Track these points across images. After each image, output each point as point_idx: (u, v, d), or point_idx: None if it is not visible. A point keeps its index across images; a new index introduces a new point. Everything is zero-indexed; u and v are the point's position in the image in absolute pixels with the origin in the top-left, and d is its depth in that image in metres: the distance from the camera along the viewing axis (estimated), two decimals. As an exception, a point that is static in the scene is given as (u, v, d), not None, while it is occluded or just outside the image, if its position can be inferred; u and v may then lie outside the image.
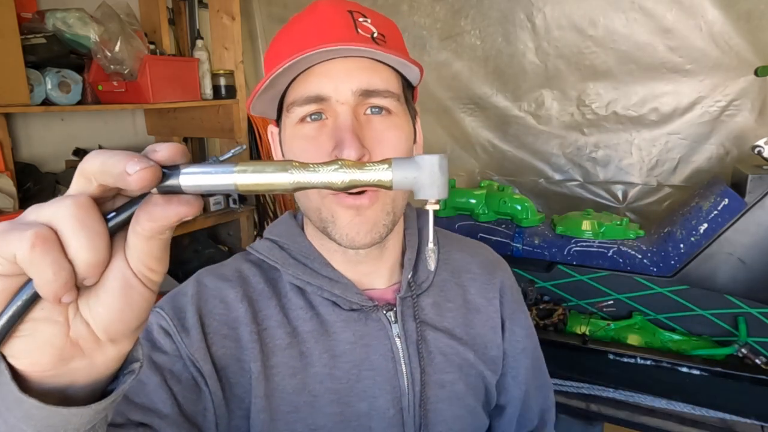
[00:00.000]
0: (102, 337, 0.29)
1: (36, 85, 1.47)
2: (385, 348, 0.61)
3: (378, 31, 0.56)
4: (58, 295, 0.26)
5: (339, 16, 0.56)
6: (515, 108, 2.12)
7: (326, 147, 0.54)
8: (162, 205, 0.27)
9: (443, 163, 0.30)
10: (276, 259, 0.62)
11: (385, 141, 0.55)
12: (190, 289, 0.60)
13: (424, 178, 0.30)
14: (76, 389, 0.30)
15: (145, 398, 0.50)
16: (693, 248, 1.42)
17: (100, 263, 0.27)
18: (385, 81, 0.56)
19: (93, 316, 0.28)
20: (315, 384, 0.58)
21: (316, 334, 0.59)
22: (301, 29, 0.57)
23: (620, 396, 1.44)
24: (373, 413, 0.59)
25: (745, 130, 1.77)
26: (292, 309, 0.61)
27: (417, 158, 0.30)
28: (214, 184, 0.28)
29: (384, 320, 0.62)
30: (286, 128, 0.58)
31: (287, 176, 0.29)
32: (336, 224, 0.56)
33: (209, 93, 1.98)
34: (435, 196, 0.30)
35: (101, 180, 0.27)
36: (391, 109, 0.56)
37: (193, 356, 0.54)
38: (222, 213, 2.07)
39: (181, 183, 0.28)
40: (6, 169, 1.44)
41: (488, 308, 0.70)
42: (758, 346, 1.40)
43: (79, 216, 0.26)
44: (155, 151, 0.28)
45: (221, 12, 2.00)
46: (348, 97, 0.54)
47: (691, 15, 1.74)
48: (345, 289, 0.61)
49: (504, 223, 1.69)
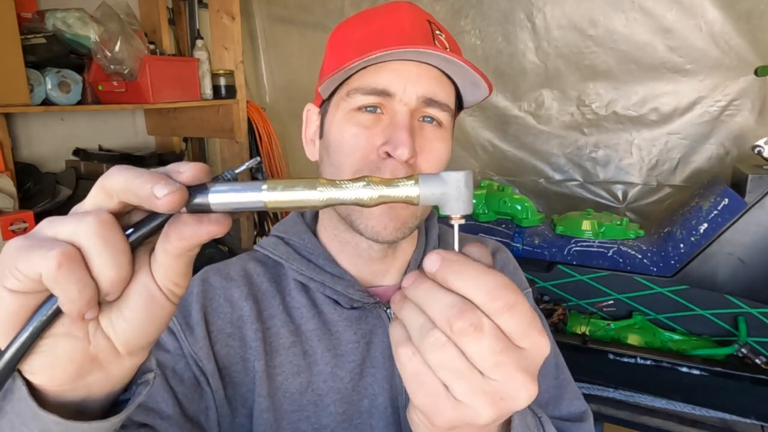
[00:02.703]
0: (122, 351, 0.29)
1: (36, 85, 1.47)
2: (385, 345, 0.61)
3: (450, 47, 0.59)
4: (82, 312, 0.26)
5: (419, 22, 0.57)
6: (515, 108, 2.12)
7: (377, 140, 0.55)
8: (192, 225, 0.27)
9: (469, 180, 0.31)
10: (281, 254, 0.63)
11: (434, 151, 0.57)
12: (196, 287, 0.60)
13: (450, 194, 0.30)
14: (90, 401, 0.30)
15: (148, 398, 0.50)
16: (693, 248, 1.42)
17: (123, 280, 0.27)
18: (447, 95, 0.58)
19: (115, 330, 0.28)
20: (319, 383, 0.58)
21: (319, 333, 0.60)
22: (381, 25, 0.58)
23: (620, 396, 1.44)
24: (374, 411, 0.60)
25: (745, 130, 1.77)
26: (295, 308, 0.61)
27: (443, 175, 0.30)
28: (243, 202, 0.28)
29: (384, 317, 0.62)
30: (339, 111, 0.58)
31: (317, 194, 0.29)
32: (363, 214, 0.56)
33: (209, 93, 1.98)
34: (461, 212, 0.31)
35: (124, 198, 0.27)
36: (443, 122, 0.58)
37: (196, 355, 0.54)
38: (222, 213, 2.06)
39: (211, 202, 0.28)
40: (6, 169, 1.44)
41: None
42: (758, 346, 1.40)
43: (102, 234, 0.26)
44: (179, 172, 0.28)
45: (221, 12, 2.00)
46: (412, 100, 0.55)
47: (691, 15, 1.74)
48: (347, 286, 0.61)
49: (504, 223, 1.69)
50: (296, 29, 2.46)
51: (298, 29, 2.45)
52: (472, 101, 0.63)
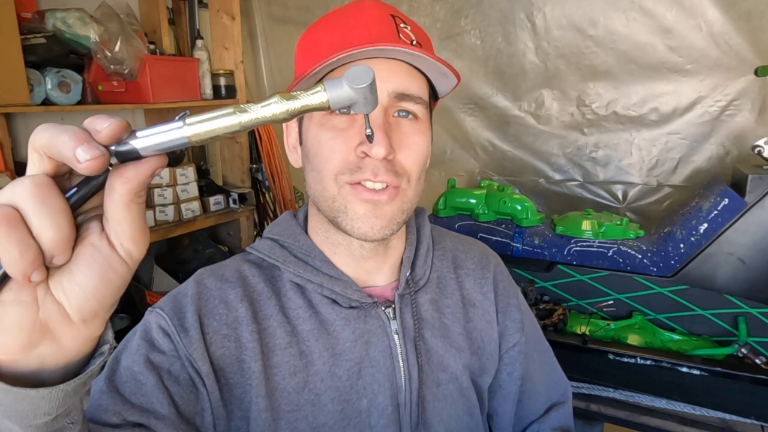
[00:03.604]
0: (75, 317, 0.29)
1: (36, 85, 1.47)
2: (384, 344, 0.61)
3: (416, 38, 0.59)
4: (27, 274, 0.26)
5: (383, 19, 0.58)
6: (515, 108, 2.12)
7: (354, 141, 0.55)
8: (131, 166, 0.28)
9: (371, 76, 0.31)
10: (277, 257, 0.63)
11: (411, 144, 0.57)
12: (190, 289, 0.60)
13: (357, 97, 0.31)
14: (46, 375, 0.30)
15: (143, 398, 0.50)
16: (693, 248, 1.42)
17: (65, 240, 0.27)
18: (419, 88, 0.58)
19: (66, 295, 0.28)
20: (317, 382, 0.58)
21: (317, 333, 0.60)
22: (345, 25, 0.58)
23: (620, 396, 1.44)
24: (373, 410, 0.60)
25: (745, 130, 1.77)
26: (291, 308, 0.61)
27: (346, 75, 0.31)
28: (167, 140, 0.29)
29: (383, 317, 0.62)
30: (314, 116, 0.59)
31: (234, 118, 0.29)
32: (348, 215, 0.57)
33: (209, 93, 1.98)
34: (369, 111, 0.32)
35: (51, 155, 0.27)
36: (419, 115, 0.58)
37: (191, 356, 0.54)
38: (222, 213, 2.07)
39: (137, 147, 0.28)
40: (6, 169, 1.44)
41: (484, 302, 0.71)
42: (758, 346, 1.40)
43: (37, 194, 0.26)
44: (98, 131, 0.27)
45: (221, 12, 2.01)
46: (383, 97, 0.55)
47: (691, 15, 1.74)
48: (345, 287, 0.61)
49: (504, 223, 1.69)
50: (296, 29, 2.46)
51: (298, 29, 2.44)
52: (444, 91, 0.64)
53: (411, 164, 0.57)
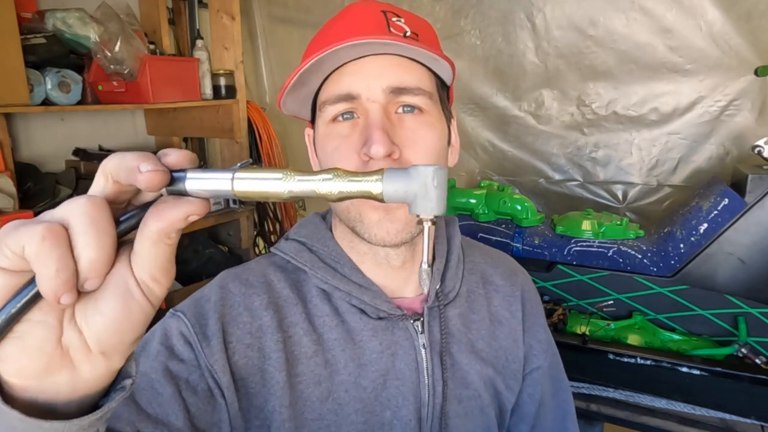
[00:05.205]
0: (94, 348, 0.29)
1: (36, 85, 1.47)
2: (410, 357, 0.60)
3: (411, 30, 0.56)
4: (58, 294, 0.26)
5: (372, 16, 0.56)
6: (515, 108, 2.12)
7: (356, 145, 0.53)
8: (170, 204, 0.28)
9: (439, 175, 0.28)
10: (305, 262, 0.61)
11: (418, 139, 0.54)
12: (214, 294, 0.58)
13: (417, 191, 0.28)
14: (63, 404, 0.29)
15: (159, 409, 0.49)
16: (693, 248, 1.42)
17: (103, 262, 0.27)
18: (416, 78, 0.55)
19: (88, 325, 0.28)
20: (341, 392, 0.57)
21: (343, 342, 0.58)
22: (333, 29, 0.57)
23: (620, 396, 1.44)
24: (396, 422, 0.59)
25: (745, 130, 1.77)
26: (318, 316, 0.60)
27: (410, 169, 0.28)
28: (215, 188, 0.29)
29: (411, 329, 0.60)
30: (319, 128, 0.58)
31: (281, 185, 0.29)
32: (363, 223, 0.56)
33: (209, 93, 1.98)
34: (430, 212, 0.28)
35: (116, 176, 0.28)
36: (424, 107, 0.56)
37: (212, 367, 0.53)
38: (222, 213, 2.07)
39: (187, 187, 0.29)
40: (6, 169, 1.44)
41: (511, 321, 0.69)
42: (758, 346, 1.39)
43: (90, 212, 0.26)
44: (166, 155, 0.29)
45: (221, 12, 2.00)
46: (378, 95, 0.53)
47: (691, 15, 1.74)
48: (374, 297, 0.59)
49: (504, 223, 1.69)
50: (296, 29, 2.46)
51: (298, 29, 2.45)
52: (447, 78, 0.61)
53: (420, 160, 0.54)
